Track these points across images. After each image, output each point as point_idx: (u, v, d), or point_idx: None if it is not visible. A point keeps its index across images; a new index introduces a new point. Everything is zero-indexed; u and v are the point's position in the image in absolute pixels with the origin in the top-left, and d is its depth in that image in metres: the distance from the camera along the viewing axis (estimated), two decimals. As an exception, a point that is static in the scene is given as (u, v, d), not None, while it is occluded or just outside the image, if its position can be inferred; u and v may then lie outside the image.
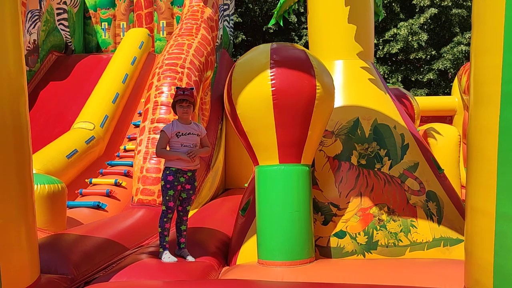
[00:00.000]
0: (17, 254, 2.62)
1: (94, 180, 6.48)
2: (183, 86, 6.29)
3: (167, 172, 3.58)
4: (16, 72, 2.68)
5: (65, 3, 9.67)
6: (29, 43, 8.38)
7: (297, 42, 17.88)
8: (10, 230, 2.56)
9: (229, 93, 3.59)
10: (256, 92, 3.41)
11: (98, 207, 5.78)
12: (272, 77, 3.36)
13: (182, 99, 3.61)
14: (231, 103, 3.57)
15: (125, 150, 7.40)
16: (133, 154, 6.38)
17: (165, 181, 3.57)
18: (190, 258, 3.58)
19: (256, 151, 3.60)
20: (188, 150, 3.55)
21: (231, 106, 3.59)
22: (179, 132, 3.57)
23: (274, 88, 3.35)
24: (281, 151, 3.46)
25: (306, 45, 17.14)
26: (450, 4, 16.49)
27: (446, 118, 10.18)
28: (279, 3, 4.72)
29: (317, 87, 3.40)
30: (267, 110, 3.38)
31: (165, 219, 3.57)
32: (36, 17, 8.52)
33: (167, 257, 3.46)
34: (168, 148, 3.62)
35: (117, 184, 6.33)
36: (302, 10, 16.86)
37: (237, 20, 16.56)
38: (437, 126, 6.99)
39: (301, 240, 3.44)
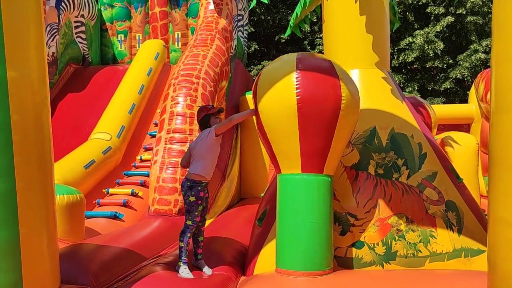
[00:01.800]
0: (38, 263, 2.66)
1: (111, 190, 6.54)
2: (199, 97, 6.35)
3: (199, 188, 3.55)
4: (39, 84, 2.73)
5: (82, 16, 9.87)
6: (48, 55, 8.55)
7: (309, 51, 17.91)
8: (32, 239, 2.60)
9: (254, 102, 3.60)
10: (281, 100, 3.39)
11: (115, 217, 5.82)
12: (297, 85, 3.35)
13: (217, 112, 3.69)
14: (257, 111, 3.58)
15: (141, 160, 7.46)
16: (149, 164, 6.43)
17: (197, 198, 3.54)
18: (207, 270, 3.57)
19: (279, 160, 3.57)
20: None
21: (256, 114, 3.60)
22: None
23: (299, 97, 3.33)
24: (303, 160, 3.44)
25: (320, 54, 17.13)
26: (465, 12, 16.35)
27: (463, 126, 10.05)
28: (294, 13, 4.75)
29: (342, 97, 3.37)
30: (292, 118, 3.37)
31: (189, 235, 3.56)
32: (55, 30, 8.71)
33: (186, 272, 3.45)
34: (206, 155, 3.61)
35: (133, 194, 6.38)
36: (315, 20, 16.92)
37: (250, 30, 16.68)
38: (454, 134, 6.91)
39: (320, 250, 3.41)
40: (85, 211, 5.09)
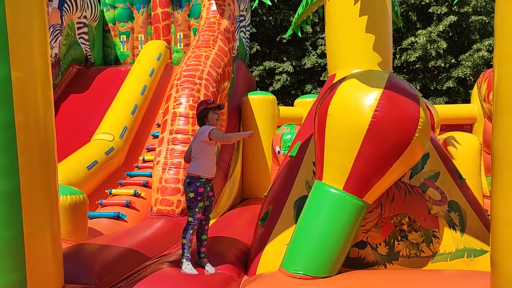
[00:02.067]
0: (42, 263, 2.67)
1: (113, 191, 6.56)
2: (201, 98, 6.36)
3: (198, 184, 3.53)
4: (43, 85, 2.75)
5: (85, 17, 9.91)
6: (50, 56, 8.57)
7: (311, 52, 17.90)
8: (36, 239, 2.61)
9: (327, 101, 3.43)
10: (355, 115, 3.24)
11: (118, 217, 5.84)
12: (378, 107, 3.21)
13: (216, 107, 3.62)
14: (325, 111, 3.41)
15: (144, 161, 7.48)
16: (152, 165, 6.45)
17: (196, 193, 3.53)
18: (209, 269, 3.58)
19: (326, 167, 3.44)
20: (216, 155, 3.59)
21: (323, 113, 3.43)
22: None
23: (374, 119, 3.19)
24: (350, 179, 3.32)
25: (322, 54, 17.17)
26: (470, 10, 16.32)
27: (465, 127, 10.03)
28: (296, 14, 4.76)
29: (415, 136, 3.23)
30: (358, 136, 3.23)
31: (191, 231, 3.55)
32: (58, 31, 8.74)
33: (189, 268, 3.46)
34: (199, 155, 3.57)
35: (136, 195, 6.40)
36: (316, 20, 16.89)
37: (251, 31, 16.69)
38: (457, 134, 6.90)
39: (330, 264, 3.35)
40: (88, 211, 5.11)
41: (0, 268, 2.43)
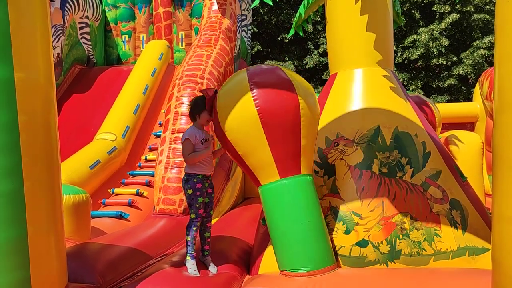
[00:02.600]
0: (46, 262, 2.69)
1: (116, 190, 6.58)
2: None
3: (195, 180, 3.57)
4: (46, 85, 2.76)
5: (87, 17, 9.93)
6: (53, 57, 8.60)
7: (313, 51, 17.89)
8: (40, 238, 2.63)
9: (217, 123, 3.61)
10: (243, 115, 3.47)
11: (120, 216, 5.86)
12: (254, 97, 3.44)
13: (211, 106, 3.64)
14: (221, 131, 3.59)
15: (146, 160, 7.50)
16: (154, 164, 6.47)
17: (194, 189, 3.56)
18: (212, 269, 3.59)
19: (256, 172, 3.63)
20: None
21: (222, 134, 3.61)
22: (203, 139, 3.61)
23: (258, 108, 3.42)
24: (279, 166, 3.51)
25: (324, 53, 17.16)
26: (472, 9, 16.30)
27: (467, 125, 10.03)
28: (297, 13, 4.77)
29: (299, 98, 3.47)
30: (257, 129, 3.45)
31: (194, 228, 3.57)
32: (60, 31, 8.77)
33: (193, 270, 3.48)
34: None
35: (139, 194, 6.42)
36: (318, 19, 16.88)
37: (253, 31, 16.70)
38: (459, 133, 6.90)
39: (318, 248, 3.45)
40: (91, 211, 5.13)
41: (5, 267, 2.45)
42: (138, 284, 3.17)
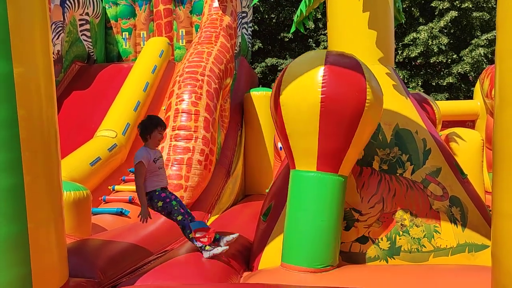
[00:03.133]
0: (47, 257, 2.70)
1: (117, 187, 6.59)
2: (203, 95, 6.37)
3: (157, 193, 3.68)
4: (45, 80, 2.76)
5: (87, 14, 9.91)
6: (53, 53, 8.59)
7: (314, 49, 17.86)
8: (40, 233, 2.63)
9: (277, 94, 3.54)
10: (305, 97, 3.36)
11: (121, 213, 5.87)
12: (323, 83, 3.31)
13: (163, 126, 3.77)
14: (277, 103, 3.52)
15: (147, 157, 7.50)
16: (155, 161, 6.47)
17: (162, 199, 3.67)
18: (205, 254, 3.56)
19: (295, 155, 3.55)
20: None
21: (276, 106, 3.54)
22: (155, 158, 3.70)
23: (323, 95, 3.30)
24: (320, 159, 3.42)
25: (324, 51, 17.09)
26: (470, 6, 16.27)
27: (467, 123, 10.03)
28: (298, 10, 4.76)
29: (367, 100, 3.34)
30: (313, 116, 3.34)
31: (188, 230, 3.62)
32: (60, 28, 8.76)
33: (211, 252, 3.52)
34: (147, 174, 3.70)
35: (139, 191, 6.42)
36: (319, 16, 16.84)
37: (253, 28, 16.67)
38: (459, 130, 6.90)
39: (326, 249, 3.42)
40: (91, 207, 5.14)
41: (6, 263, 2.45)
42: (139, 279, 3.19)
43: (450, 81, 16.73)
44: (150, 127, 3.73)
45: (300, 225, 3.45)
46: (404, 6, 16.86)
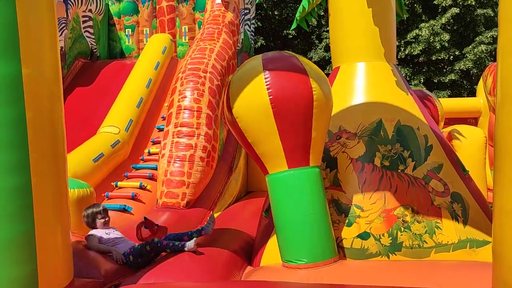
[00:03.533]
0: (53, 256, 2.72)
1: (119, 183, 6.60)
2: (206, 91, 6.38)
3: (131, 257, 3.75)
4: (53, 81, 2.78)
5: (90, 11, 9.93)
6: (56, 50, 8.62)
7: (317, 45, 17.83)
8: (46, 233, 2.66)
9: (228, 108, 3.64)
10: (255, 103, 3.46)
11: (124, 210, 5.88)
12: (268, 85, 3.41)
13: (101, 214, 3.97)
14: (232, 117, 3.61)
15: (150, 154, 7.52)
16: (157, 158, 6.49)
17: (131, 252, 3.77)
18: (188, 244, 3.58)
19: (264, 160, 3.64)
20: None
21: (232, 120, 3.63)
22: (102, 238, 3.90)
23: (271, 97, 3.40)
24: (288, 156, 3.51)
25: (328, 48, 17.10)
26: (473, 3, 16.20)
27: (469, 120, 10.00)
28: (300, 6, 4.76)
29: (313, 89, 3.44)
30: (268, 118, 3.43)
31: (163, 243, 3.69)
32: (63, 25, 8.78)
33: (193, 243, 3.55)
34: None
35: (142, 187, 6.44)
36: (322, 13, 16.83)
37: (256, 25, 16.66)
38: (461, 127, 6.89)
39: (321, 241, 3.47)
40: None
41: (12, 261, 2.48)
42: (141, 277, 3.20)
43: (453, 78, 16.69)
44: (92, 222, 4.05)
45: (289, 225, 3.50)
46: (406, 2, 16.79)
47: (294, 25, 5.04)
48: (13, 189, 2.49)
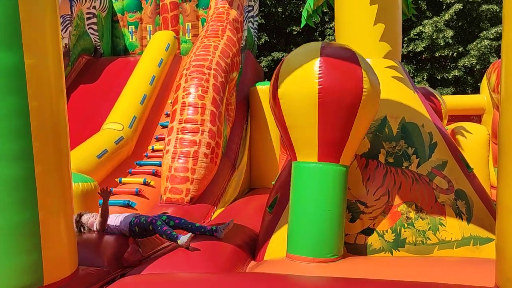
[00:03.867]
0: (57, 245, 2.75)
1: (123, 180, 6.64)
2: (210, 88, 6.39)
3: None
4: (55, 72, 2.81)
5: (94, 7, 9.95)
6: (60, 47, 8.64)
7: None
8: (51, 221, 2.69)
9: (274, 87, 3.58)
10: (303, 88, 3.40)
11: (128, 205, 5.91)
12: (320, 74, 3.35)
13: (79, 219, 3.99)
14: (276, 97, 3.57)
15: (153, 150, 7.55)
16: (161, 154, 6.51)
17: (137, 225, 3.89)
18: (182, 238, 3.59)
19: (296, 147, 3.59)
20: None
21: (275, 99, 3.59)
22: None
23: (321, 86, 3.33)
24: (321, 149, 3.45)
25: (330, 45, 17.03)
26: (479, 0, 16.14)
27: (473, 118, 9.98)
28: (307, 4, 4.77)
29: (364, 88, 3.38)
30: (312, 107, 3.37)
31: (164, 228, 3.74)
32: (67, 21, 8.80)
33: (187, 237, 3.54)
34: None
35: (146, 183, 6.47)
36: (325, 10, 16.79)
37: (260, 22, 16.64)
38: (465, 125, 6.89)
39: (331, 239, 3.46)
40: (99, 199, 5.19)
41: (18, 249, 2.51)
42: (146, 267, 3.24)
43: (456, 74, 16.62)
44: (86, 228, 4.06)
45: (304, 216, 3.49)
46: (412, 0, 16.73)
47: (303, 23, 5.04)
48: (17, 177, 2.52)
